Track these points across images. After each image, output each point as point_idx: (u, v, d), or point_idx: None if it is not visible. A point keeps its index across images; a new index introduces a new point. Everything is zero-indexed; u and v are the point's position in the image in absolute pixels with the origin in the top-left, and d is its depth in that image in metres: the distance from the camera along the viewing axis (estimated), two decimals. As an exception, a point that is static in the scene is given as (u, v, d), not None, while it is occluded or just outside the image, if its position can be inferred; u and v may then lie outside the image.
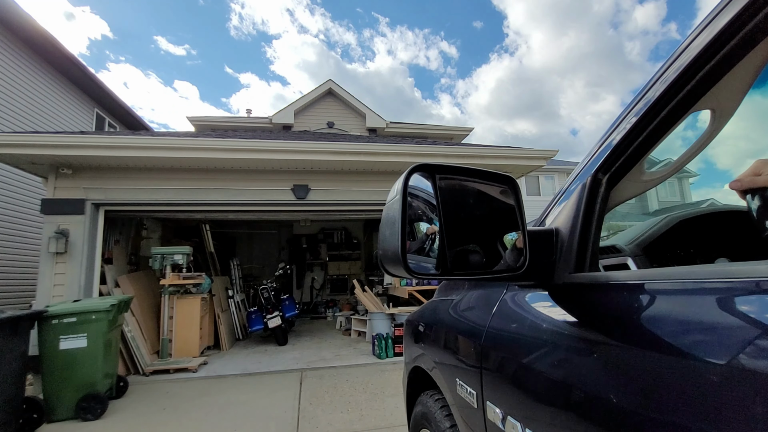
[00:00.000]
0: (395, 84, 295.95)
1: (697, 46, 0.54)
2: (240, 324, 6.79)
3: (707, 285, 0.46)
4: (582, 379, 0.56)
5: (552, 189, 17.24)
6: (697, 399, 0.40)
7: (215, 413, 3.40)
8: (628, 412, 0.47)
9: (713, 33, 0.51)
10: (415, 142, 7.07)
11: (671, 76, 0.57)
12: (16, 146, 4.48)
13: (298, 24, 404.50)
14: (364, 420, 3.15)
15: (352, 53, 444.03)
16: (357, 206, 5.71)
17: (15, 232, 6.86)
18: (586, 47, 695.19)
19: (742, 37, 0.49)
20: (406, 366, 1.65)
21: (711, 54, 0.53)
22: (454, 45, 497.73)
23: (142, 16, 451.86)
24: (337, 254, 10.54)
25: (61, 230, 4.65)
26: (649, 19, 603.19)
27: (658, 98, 0.59)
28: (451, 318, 1.18)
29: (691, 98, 0.58)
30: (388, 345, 5.19)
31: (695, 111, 0.61)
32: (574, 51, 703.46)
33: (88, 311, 3.45)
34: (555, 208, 0.88)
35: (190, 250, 5.46)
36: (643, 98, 0.64)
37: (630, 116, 0.66)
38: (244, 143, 5.04)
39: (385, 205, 0.66)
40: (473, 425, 0.92)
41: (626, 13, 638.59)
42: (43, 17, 21.14)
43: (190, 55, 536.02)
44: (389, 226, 0.62)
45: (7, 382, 2.86)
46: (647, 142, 0.65)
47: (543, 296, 0.75)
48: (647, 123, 0.62)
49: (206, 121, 10.33)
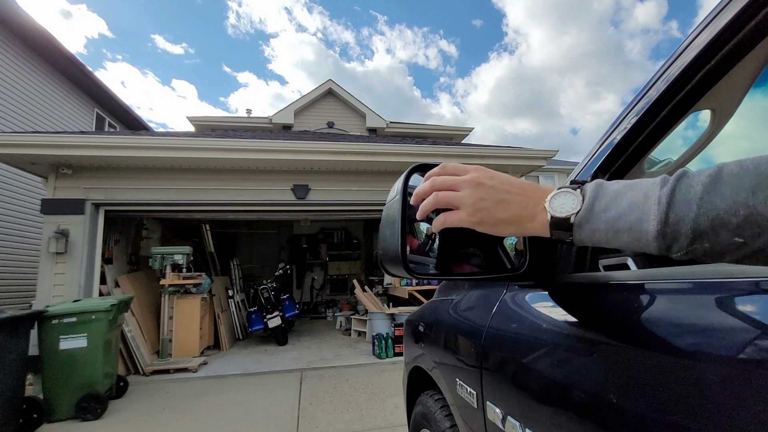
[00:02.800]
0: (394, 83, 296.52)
1: (697, 45, 0.54)
2: (240, 324, 6.79)
3: (707, 285, 0.46)
4: (582, 379, 0.56)
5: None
6: (697, 399, 0.40)
7: (215, 413, 3.40)
8: (628, 412, 0.47)
9: (713, 33, 0.51)
10: (415, 142, 7.07)
11: (672, 76, 0.57)
12: (16, 146, 4.48)
13: (296, 22, 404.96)
14: (364, 420, 3.15)
15: (351, 52, 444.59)
16: (357, 206, 5.71)
17: (15, 232, 6.86)
18: (586, 46, 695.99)
19: (742, 37, 0.49)
20: (406, 366, 1.65)
21: (711, 53, 0.53)
22: (453, 43, 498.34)
23: (140, 14, 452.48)
24: (337, 254, 10.54)
25: (61, 230, 4.65)
26: (649, 17, 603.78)
27: (659, 98, 0.59)
28: (451, 318, 1.18)
29: (691, 98, 0.58)
30: (388, 345, 5.19)
31: (696, 111, 0.61)
32: (575, 50, 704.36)
33: (88, 311, 3.45)
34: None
35: (190, 250, 5.46)
36: (643, 98, 0.64)
37: (630, 116, 0.66)
38: (244, 143, 5.04)
39: (384, 205, 0.66)
40: (473, 425, 0.92)
41: (627, 11, 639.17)
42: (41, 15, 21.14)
43: (188, 53, 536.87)
44: (389, 226, 0.62)
45: (7, 382, 2.85)
46: (647, 142, 0.65)
47: (543, 296, 0.75)
48: (648, 122, 0.62)
49: (206, 121, 10.33)
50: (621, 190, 0.38)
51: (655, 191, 0.35)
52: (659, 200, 0.34)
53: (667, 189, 0.34)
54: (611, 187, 0.40)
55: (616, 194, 0.38)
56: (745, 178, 0.29)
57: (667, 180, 0.35)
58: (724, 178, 0.30)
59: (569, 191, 0.42)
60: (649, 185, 0.36)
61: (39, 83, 7.53)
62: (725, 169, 0.31)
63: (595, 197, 0.40)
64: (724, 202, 0.30)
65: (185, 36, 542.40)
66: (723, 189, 0.30)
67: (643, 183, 0.37)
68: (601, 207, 0.39)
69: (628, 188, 0.38)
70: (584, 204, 0.40)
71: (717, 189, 0.30)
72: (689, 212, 0.32)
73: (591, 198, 0.40)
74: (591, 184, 0.42)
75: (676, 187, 0.33)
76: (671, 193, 0.33)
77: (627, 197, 0.37)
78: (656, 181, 0.36)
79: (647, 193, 0.36)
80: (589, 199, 0.40)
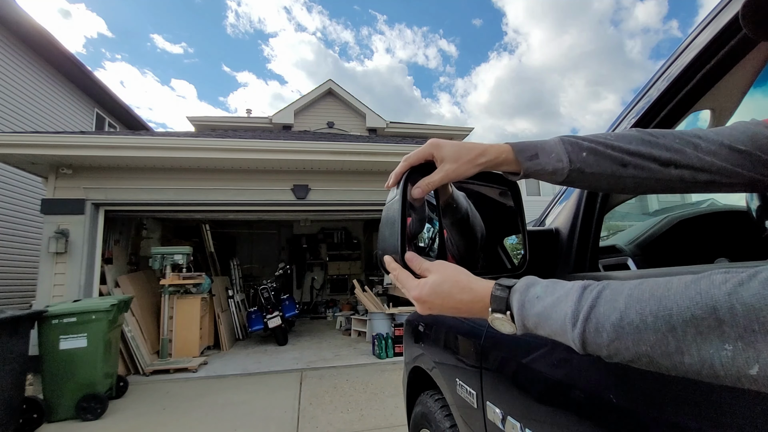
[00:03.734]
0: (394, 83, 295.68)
1: (697, 45, 0.54)
2: (240, 324, 6.79)
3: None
4: (581, 379, 0.56)
5: (552, 189, 17.23)
6: (697, 399, 0.40)
7: (215, 413, 3.40)
8: (628, 412, 0.47)
9: (714, 33, 0.51)
10: (415, 142, 7.07)
11: (672, 75, 0.57)
12: (16, 146, 4.48)
13: (295, 22, 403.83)
14: (364, 420, 3.15)
15: (350, 52, 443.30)
16: (357, 206, 5.71)
17: (15, 232, 6.86)
18: (586, 45, 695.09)
19: (742, 37, 0.49)
20: (406, 366, 1.65)
21: (711, 53, 0.53)
22: (453, 43, 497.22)
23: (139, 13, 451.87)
24: (337, 254, 10.53)
25: (61, 230, 4.65)
26: (650, 16, 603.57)
27: (659, 97, 0.59)
28: (451, 318, 1.18)
29: (691, 97, 0.58)
30: (388, 345, 5.19)
31: (696, 110, 0.61)
32: (575, 49, 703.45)
33: (88, 311, 3.45)
34: (555, 208, 0.88)
35: (190, 250, 5.46)
36: (643, 97, 0.64)
37: (630, 116, 0.66)
38: (244, 143, 5.04)
39: (384, 205, 0.66)
40: (473, 425, 0.92)
41: (627, 11, 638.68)
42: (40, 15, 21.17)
43: (187, 53, 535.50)
44: (389, 226, 0.62)
45: (7, 382, 2.85)
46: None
47: (543, 296, 0.75)
48: (648, 122, 0.62)
49: (206, 121, 10.33)
50: (542, 315, 0.42)
51: (568, 329, 0.38)
52: (574, 341, 0.38)
53: (577, 332, 0.37)
54: (533, 309, 0.43)
55: (539, 319, 0.42)
56: (644, 334, 0.33)
57: (577, 317, 0.38)
58: (625, 330, 0.34)
59: (500, 318, 0.46)
60: (564, 317, 0.39)
61: (39, 83, 7.53)
62: (627, 318, 0.34)
63: (523, 320, 0.44)
64: (628, 351, 0.34)
65: (184, 35, 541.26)
66: (626, 341, 0.34)
67: (559, 309, 0.40)
68: (531, 327, 0.43)
69: (546, 314, 0.41)
70: (518, 328, 0.45)
71: (621, 340, 0.34)
72: (602, 353, 0.37)
73: (520, 322, 0.44)
74: (515, 303, 0.44)
75: (585, 331, 0.37)
76: (582, 338, 0.37)
77: (549, 326, 0.41)
78: (569, 313, 0.39)
79: (563, 327, 0.39)
80: (519, 324, 0.44)
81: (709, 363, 0.29)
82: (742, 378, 0.28)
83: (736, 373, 0.28)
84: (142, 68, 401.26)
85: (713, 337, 0.29)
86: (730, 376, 0.29)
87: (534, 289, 0.44)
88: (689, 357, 0.30)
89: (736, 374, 0.28)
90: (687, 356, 0.30)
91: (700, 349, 0.30)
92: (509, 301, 0.45)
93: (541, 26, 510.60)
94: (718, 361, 0.29)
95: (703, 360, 0.30)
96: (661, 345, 0.32)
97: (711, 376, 0.30)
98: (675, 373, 0.33)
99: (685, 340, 0.30)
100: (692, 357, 0.30)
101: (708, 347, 0.29)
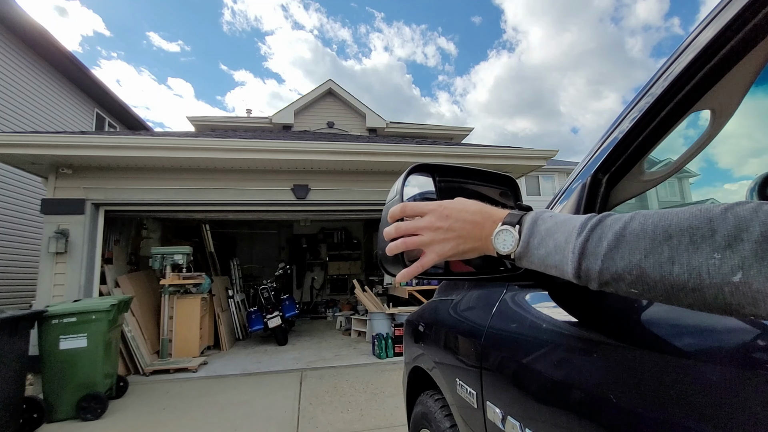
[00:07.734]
0: (393, 81, 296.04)
1: (699, 44, 0.53)
2: (240, 324, 6.79)
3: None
4: (582, 379, 0.56)
5: (552, 189, 17.24)
6: (697, 399, 0.40)
7: (215, 413, 3.40)
8: (628, 412, 0.47)
9: (715, 31, 0.51)
10: (415, 142, 7.07)
11: (673, 74, 0.57)
12: (16, 146, 4.48)
13: (292, 20, 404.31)
14: (364, 420, 3.15)
15: (348, 50, 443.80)
16: (357, 206, 5.71)
17: (15, 232, 6.86)
18: (587, 43, 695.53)
19: (742, 37, 0.49)
20: (406, 366, 1.65)
21: (712, 53, 0.52)
22: (452, 41, 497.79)
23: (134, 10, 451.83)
24: (337, 254, 10.53)
25: (61, 230, 4.65)
26: (651, 13, 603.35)
27: (660, 96, 0.59)
28: (451, 318, 1.18)
29: (692, 97, 0.58)
30: (388, 345, 5.19)
31: (696, 110, 0.61)
32: (575, 47, 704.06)
33: (88, 311, 3.45)
34: (555, 208, 0.87)
35: (190, 250, 5.46)
36: (644, 97, 0.63)
37: (631, 115, 0.66)
38: (244, 143, 5.04)
39: (384, 205, 0.66)
40: (473, 425, 0.92)
41: (627, 8, 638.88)
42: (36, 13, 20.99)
43: (183, 51, 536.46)
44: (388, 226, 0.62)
45: (7, 382, 2.85)
46: (648, 142, 0.65)
47: (543, 296, 0.75)
48: (648, 122, 0.62)
49: (206, 121, 10.33)
50: (552, 229, 0.43)
51: (573, 238, 0.40)
52: (574, 249, 0.39)
53: (581, 240, 0.39)
54: (544, 224, 0.45)
55: (547, 233, 0.44)
56: (642, 242, 0.34)
57: (585, 227, 0.40)
58: (626, 238, 0.35)
59: (509, 229, 0.47)
60: (572, 229, 0.41)
61: (39, 83, 7.53)
62: (630, 227, 0.36)
63: (530, 235, 0.45)
64: (622, 260, 0.35)
65: (180, 33, 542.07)
66: (623, 249, 0.35)
67: (569, 224, 0.42)
68: (534, 245, 0.44)
69: (556, 228, 0.43)
70: (521, 242, 0.46)
71: (619, 248, 0.36)
72: (595, 265, 0.38)
73: (526, 236, 0.45)
74: (528, 218, 0.46)
75: (589, 239, 0.38)
76: (583, 245, 0.39)
77: (554, 239, 0.42)
78: (578, 225, 0.41)
79: (568, 238, 0.41)
80: (524, 237, 0.45)
81: (696, 272, 0.31)
82: (725, 286, 0.29)
83: (721, 280, 0.29)
84: (138, 66, 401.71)
85: (705, 245, 0.31)
86: (714, 284, 0.30)
87: (551, 212, 0.46)
88: (679, 266, 0.32)
89: (720, 282, 0.29)
90: (677, 266, 0.32)
91: (691, 258, 0.31)
92: (523, 217, 0.47)
93: (540, 24, 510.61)
94: (706, 268, 0.30)
95: (692, 268, 0.31)
96: (655, 253, 0.33)
97: (695, 286, 0.31)
98: (657, 290, 0.34)
99: (678, 248, 0.32)
100: (682, 266, 0.32)
101: (698, 256, 0.31)
